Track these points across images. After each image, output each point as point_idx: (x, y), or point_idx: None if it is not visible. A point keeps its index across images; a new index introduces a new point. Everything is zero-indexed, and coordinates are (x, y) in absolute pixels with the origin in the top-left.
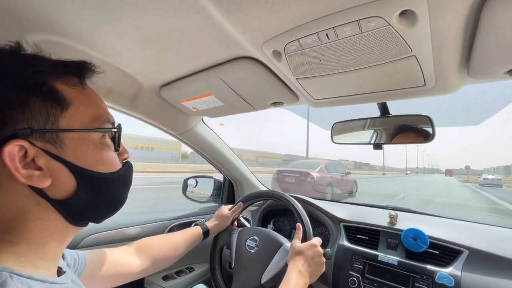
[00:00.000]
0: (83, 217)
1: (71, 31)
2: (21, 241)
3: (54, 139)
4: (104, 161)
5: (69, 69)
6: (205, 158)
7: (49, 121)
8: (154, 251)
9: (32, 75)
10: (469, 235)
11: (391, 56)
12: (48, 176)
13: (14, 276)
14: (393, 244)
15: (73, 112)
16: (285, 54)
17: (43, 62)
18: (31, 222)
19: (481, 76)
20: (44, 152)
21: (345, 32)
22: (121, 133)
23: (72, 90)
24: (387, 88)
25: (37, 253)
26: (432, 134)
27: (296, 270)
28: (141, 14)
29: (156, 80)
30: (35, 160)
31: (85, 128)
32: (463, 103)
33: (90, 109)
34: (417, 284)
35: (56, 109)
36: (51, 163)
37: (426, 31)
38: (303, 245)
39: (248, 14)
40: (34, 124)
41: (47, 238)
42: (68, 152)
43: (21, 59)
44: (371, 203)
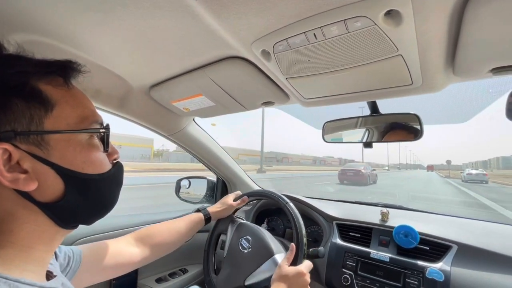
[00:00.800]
0: (72, 219)
1: (57, 31)
2: (7, 245)
3: (39, 141)
4: (92, 162)
5: (52, 69)
6: (198, 158)
7: (33, 123)
8: (155, 239)
9: (14, 76)
10: (458, 231)
11: (378, 55)
12: (34, 179)
13: (1, 279)
14: (385, 241)
15: (58, 113)
16: (274, 53)
17: (25, 62)
18: (17, 226)
19: (466, 74)
20: (29, 154)
21: (332, 32)
22: (110, 133)
23: (56, 90)
24: (376, 87)
25: (24, 257)
26: (420, 132)
27: None
28: (128, 14)
29: (146, 80)
30: (20, 163)
31: (71, 129)
32: (452, 101)
33: (76, 110)
34: (408, 279)
35: (40, 110)
36: (37, 165)
37: (411, 30)
38: (290, 270)
39: (235, 14)
40: (18, 126)
41: (34, 242)
42: (54, 154)
43: (2, 60)
44: (363, 201)
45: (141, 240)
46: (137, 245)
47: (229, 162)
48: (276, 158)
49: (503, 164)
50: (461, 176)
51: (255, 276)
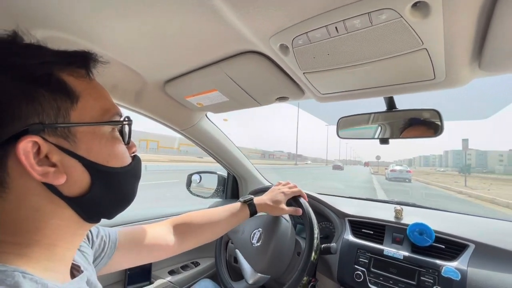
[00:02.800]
0: (96, 213)
1: (74, 26)
2: (32, 243)
3: (66, 133)
4: (116, 155)
5: (74, 59)
6: (209, 153)
7: (60, 115)
8: (193, 229)
9: (38, 67)
10: (475, 229)
11: (401, 49)
12: (63, 172)
13: (27, 276)
14: (399, 238)
15: (82, 105)
16: (293, 48)
17: (47, 52)
18: (43, 223)
19: (493, 68)
20: (57, 147)
21: (355, 25)
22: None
23: (79, 81)
24: (396, 82)
25: (48, 255)
26: (441, 128)
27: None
28: (145, 8)
29: (161, 75)
30: (49, 157)
31: (96, 121)
32: (470, 96)
33: (98, 102)
34: (423, 277)
35: (66, 102)
36: (65, 159)
37: (439, 23)
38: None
39: (256, 8)
40: (46, 118)
41: (58, 239)
42: (81, 147)
43: (25, 50)
44: (374, 198)
45: (178, 228)
46: (174, 233)
47: (240, 158)
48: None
49: (423, 163)
50: (385, 173)
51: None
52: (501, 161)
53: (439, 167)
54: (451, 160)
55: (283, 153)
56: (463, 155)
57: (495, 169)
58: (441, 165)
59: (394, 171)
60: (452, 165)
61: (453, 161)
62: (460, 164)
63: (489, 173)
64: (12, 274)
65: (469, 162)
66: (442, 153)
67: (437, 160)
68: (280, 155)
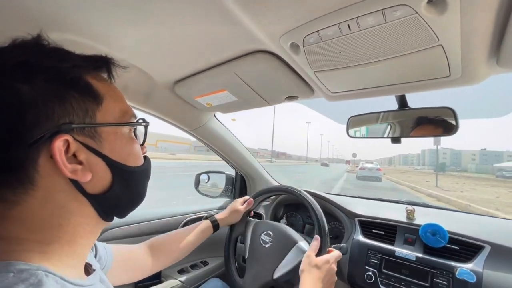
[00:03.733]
0: (113, 211)
1: (85, 28)
2: (53, 240)
3: (93, 133)
4: (134, 155)
5: (100, 64)
6: (218, 153)
7: (88, 115)
8: (166, 250)
9: (70, 70)
10: (490, 230)
11: (416, 46)
12: (89, 170)
13: (49, 275)
14: (411, 239)
15: (105, 106)
16: (304, 46)
17: (75, 56)
18: (66, 220)
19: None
20: (84, 146)
21: (368, 22)
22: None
23: (101, 85)
24: (408, 80)
25: (68, 252)
26: (456, 126)
27: (312, 282)
28: (156, 11)
29: (170, 76)
30: (76, 155)
31: (117, 122)
32: (486, 94)
33: (118, 104)
34: (437, 279)
35: (92, 104)
36: (91, 157)
37: (456, 19)
38: (319, 259)
39: (266, 7)
40: (75, 118)
41: (78, 236)
42: (105, 146)
43: (56, 53)
44: (384, 198)
45: (153, 250)
46: (150, 254)
47: (248, 158)
48: (198, 148)
49: (403, 161)
50: (356, 172)
51: (282, 268)
52: (474, 160)
53: (417, 166)
54: (428, 159)
55: (267, 151)
56: (438, 154)
57: (467, 167)
58: (418, 164)
59: (363, 169)
60: (428, 163)
61: (430, 160)
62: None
63: (462, 171)
64: (35, 273)
65: (444, 161)
66: (420, 152)
67: (415, 158)
68: (264, 153)
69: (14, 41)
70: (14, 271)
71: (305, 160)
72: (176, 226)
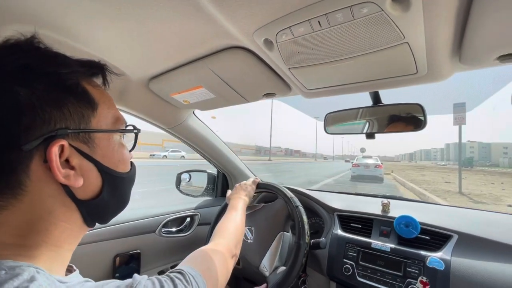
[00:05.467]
0: (98, 217)
1: (52, 22)
2: (40, 244)
3: (87, 138)
4: (124, 161)
5: (96, 70)
6: (198, 152)
7: (83, 121)
8: None
9: (69, 75)
10: (458, 220)
11: (384, 43)
12: (81, 175)
13: (40, 271)
14: (386, 231)
15: (100, 112)
16: (277, 43)
17: (73, 62)
18: (53, 224)
19: (473, 62)
20: (78, 151)
21: (338, 19)
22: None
23: (96, 91)
24: (379, 77)
25: (52, 256)
26: (424, 122)
27: (236, 197)
28: (126, 4)
29: (145, 72)
30: (69, 160)
31: (110, 128)
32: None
33: (111, 110)
34: (409, 269)
35: (88, 109)
36: (83, 162)
37: (419, 16)
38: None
39: (238, 2)
40: (71, 124)
41: (63, 241)
42: (98, 152)
43: (55, 58)
44: (363, 192)
45: None
46: None
47: (229, 155)
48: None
49: (425, 156)
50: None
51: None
52: (506, 153)
53: (440, 161)
54: (453, 153)
55: (280, 149)
56: (464, 148)
57: (499, 162)
58: (442, 159)
59: (358, 167)
60: (454, 158)
61: (455, 154)
62: (461, 157)
63: (493, 166)
64: (27, 269)
65: (472, 155)
66: (444, 146)
67: (439, 153)
68: (276, 151)
69: (6, 42)
70: (6, 268)
71: (321, 157)
72: (156, 226)
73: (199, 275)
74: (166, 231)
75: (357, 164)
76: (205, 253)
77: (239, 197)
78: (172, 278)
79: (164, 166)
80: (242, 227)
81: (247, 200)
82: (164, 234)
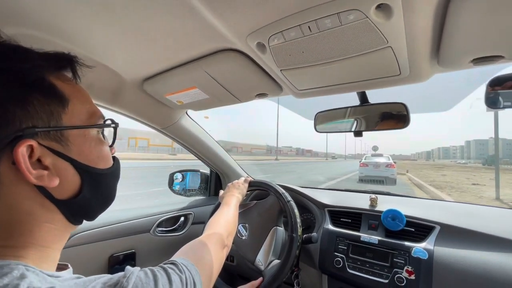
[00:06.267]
0: (82, 215)
1: (46, 23)
2: (27, 245)
3: (59, 137)
4: (103, 157)
5: (63, 63)
6: (191, 151)
7: (53, 118)
8: None
9: (31, 71)
10: (441, 213)
11: (369, 47)
12: (56, 175)
13: (30, 268)
14: (374, 225)
15: (71, 108)
16: (269, 46)
17: (36, 55)
18: (36, 226)
19: (450, 65)
20: (50, 150)
21: (326, 25)
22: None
23: (66, 85)
24: (366, 78)
25: (42, 257)
26: (407, 120)
27: (229, 195)
28: (121, 5)
29: (139, 73)
30: (41, 160)
31: (85, 124)
32: (435, 90)
33: (85, 105)
34: (396, 259)
35: (58, 106)
36: (57, 162)
37: (401, 23)
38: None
39: (231, 8)
40: (39, 122)
41: (50, 241)
42: (73, 150)
43: (14, 52)
44: (353, 189)
45: None
46: None
47: (222, 155)
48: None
49: (443, 155)
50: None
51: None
52: None
53: (460, 159)
54: (474, 151)
55: (291, 149)
56: (486, 145)
57: None
58: (462, 157)
59: (366, 166)
60: (475, 156)
61: (476, 152)
62: (484, 155)
63: None
64: (17, 267)
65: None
66: (464, 144)
67: (458, 151)
68: (287, 150)
69: None
70: None
71: (332, 156)
72: (150, 226)
73: (192, 264)
74: (160, 231)
75: (365, 163)
76: (197, 244)
77: (231, 194)
78: (165, 268)
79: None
80: (234, 221)
81: (240, 197)
82: (159, 233)
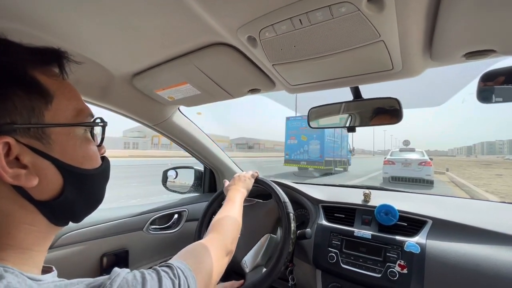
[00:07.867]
0: (66, 217)
1: (30, 16)
2: (6, 247)
3: (40, 134)
4: (89, 157)
5: (48, 58)
6: (184, 148)
7: (34, 115)
8: None
9: (12, 65)
10: (433, 207)
11: (361, 41)
12: (35, 174)
13: (8, 269)
14: (367, 220)
15: (56, 105)
16: (260, 40)
17: (19, 49)
18: (14, 228)
19: (442, 59)
20: (30, 149)
21: (318, 18)
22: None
23: (52, 81)
24: (358, 73)
25: (23, 259)
26: (400, 115)
27: (234, 189)
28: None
29: (128, 69)
30: (20, 158)
31: (70, 122)
32: (427, 85)
33: (72, 102)
34: (389, 254)
35: (40, 102)
36: (37, 160)
37: (393, 16)
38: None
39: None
40: (18, 118)
41: (32, 243)
42: (55, 149)
43: None
44: (346, 184)
45: None
46: None
47: (215, 151)
48: (247, 144)
49: (487, 150)
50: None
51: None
52: None
53: (509, 155)
54: None
55: None
56: None
57: None
58: (511, 152)
59: (392, 164)
60: None
61: None
62: None
63: None
64: None
65: None
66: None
67: (506, 146)
68: None
69: None
70: None
71: (361, 153)
72: (143, 224)
73: (189, 269)
74: (153, 228)
75: (391, 160)
76: (198, 248)
77: (237, 189)
78: (158, 271)
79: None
80: (239, 223)
81: (245, 192)
82: (152, 231)
